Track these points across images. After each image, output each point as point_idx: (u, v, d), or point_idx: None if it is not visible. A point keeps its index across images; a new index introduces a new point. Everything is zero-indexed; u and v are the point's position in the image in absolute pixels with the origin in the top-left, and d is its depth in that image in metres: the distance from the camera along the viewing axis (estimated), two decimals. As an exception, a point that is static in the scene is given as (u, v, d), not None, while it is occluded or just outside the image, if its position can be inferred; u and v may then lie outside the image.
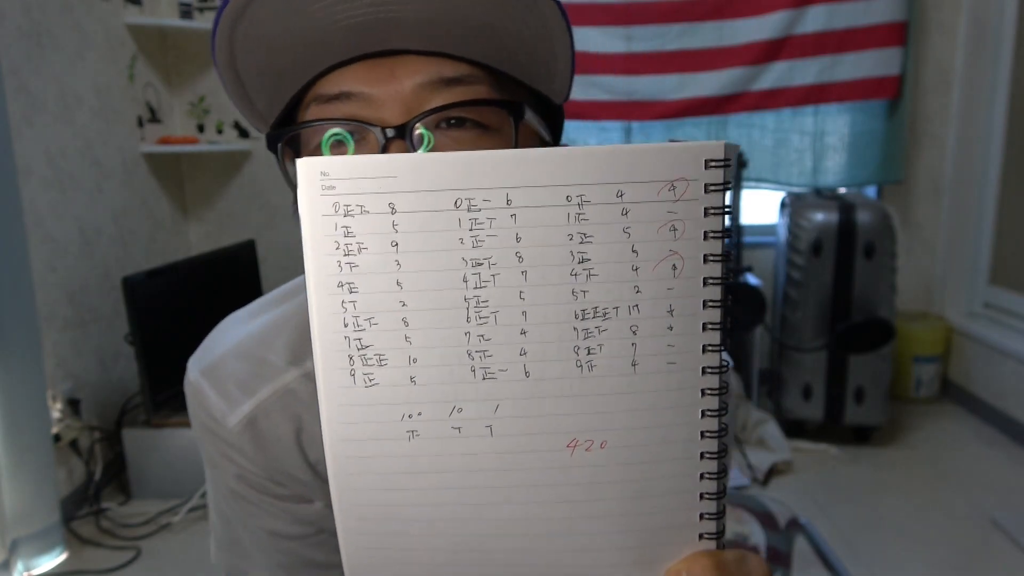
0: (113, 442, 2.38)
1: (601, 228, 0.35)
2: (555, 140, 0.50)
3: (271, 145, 0.47)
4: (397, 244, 0.35)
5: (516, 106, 0.44)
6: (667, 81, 2.86)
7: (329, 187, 0.34)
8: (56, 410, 2.12)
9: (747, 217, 2.68)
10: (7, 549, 1.88)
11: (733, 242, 2.61)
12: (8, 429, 1.82)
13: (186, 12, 2.80)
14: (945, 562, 1.89)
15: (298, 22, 0.41)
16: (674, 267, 0.36)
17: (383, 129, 0.42)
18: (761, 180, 2.98)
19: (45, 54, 2.18)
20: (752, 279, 2.64)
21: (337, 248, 0.35)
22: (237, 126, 3.01)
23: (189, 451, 2.27)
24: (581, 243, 0.36)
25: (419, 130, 0.42)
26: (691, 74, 2.86)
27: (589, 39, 2.83)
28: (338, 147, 0.43)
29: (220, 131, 3.00)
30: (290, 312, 0.57)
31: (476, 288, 0.36)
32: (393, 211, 0.35)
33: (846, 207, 2.48)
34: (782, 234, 2.69)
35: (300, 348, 0.55)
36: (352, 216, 0.35)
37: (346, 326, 0.36)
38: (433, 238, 0.35)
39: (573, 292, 0.36)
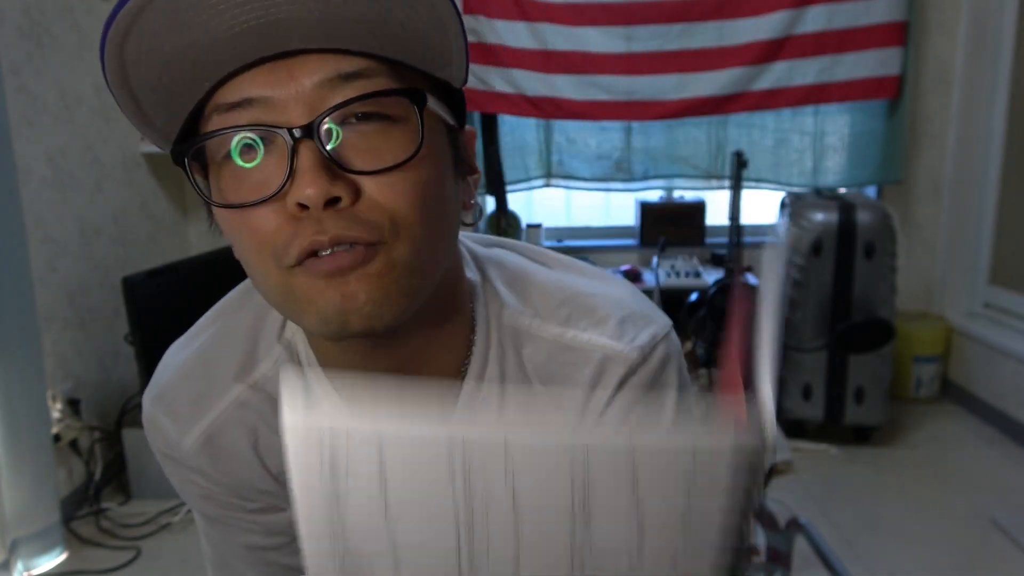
0: (113, 442, 2.37)
1: (606, 477, 0.33)
2: (459, 122, 0.50)
3: (177, 161, 0.46)
4: (387, 485, 0.34)
5: (417, 93, 0.44)
6: (667, 81, 2.86)
7: (319, 441, 0.33)
8: (56, 410, 2.12)
9: (747, 217, 2.67)
10: (7, 549, 1.88)
11: (733, 242, 2.61)
12: (8, 429, 1.82)
13: (186, 12, 2.80)
14: (945, 562, 1.89)
15: (189, 33, 0.40)
16: (683, 522, 0.33)
17: (290, 130, 0.41)
18: (761, 180, 2.98)
19: (45, 54, 2.18)
20: (752, 279, 2.64)
21: (327, 492, 0.34)
22: (237, 126, 3.01)
23: (189, 451, 2.27)
24: (584, 489, 0.33)
25: (327, 125, 0.42)
26: (691, 74, 2.86)
27: (589, 39, 2.83)
28: (248, 152, 0.43)
29: (220, 131, 3.00)
30: (228, 325, 0.57)
31: (468, 532, 0.34)
32: (381, 457, 0.33)
33: (846, 207, 2.48)
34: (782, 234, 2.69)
35: (244, 361, 0.55)
36: (340, 465, 0.34)
37: (337, 567, 0.36)
38: (424, 479, 0.34)
39: (572, 542, 0.34)
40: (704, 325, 2.55)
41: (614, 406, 0.53)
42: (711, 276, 2.67)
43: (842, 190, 2.87)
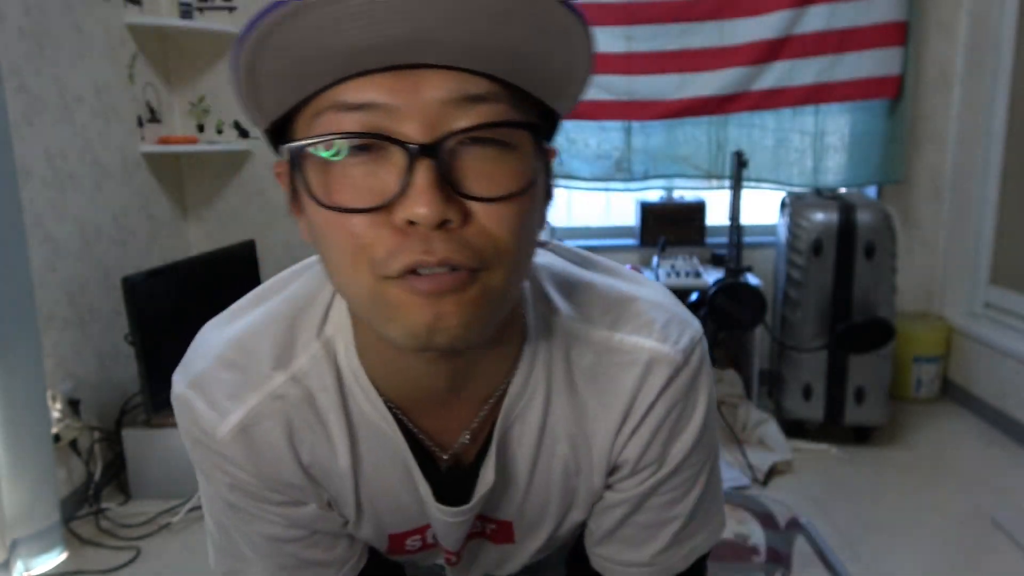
0: (113, 442, 2.37)
1: None
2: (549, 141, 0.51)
3: (275, 145, 0.47)
4: None
5: (538, 128, 0.45)
6: (667, 81, 2.86)
7: None
8: (56, 410, 2.12)
9: (747, 217, 2.67)
10: (7, 549, 1.88)
11: (733, 242, 2.61)
12: (8, 429, 1.82)
13: (186, 12, 2.80)
14: (945, 562, 1.89)
15: (336, 38, 0.40)
16: None
17: (411, 145, 0.41)
18: (761, 180, 2.98)
19: (45, 54, 2.18)
20: (752, 279, 2.64)
21: None
22: (237, 126, 3.01)
23: (189, 451, 2.27)
24: None
25: (449, 146, 0.42)
26: (691, 74, 2.86)
27: (589, 39, 2.82)
28: (358, 155, 0.43)
29: (220, 131, 3.00)
30: (269, 313, 0.57)
31: None
32: None
33: (846, 207, 2.48)
34: (782, 234, 2.69)
35: (284, 351, 0.55)
36: None
37: None
38: None
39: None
40: (704, 325, 2.54)
41: (657, 407, 0.55)
42: (711, 276, 2.67)
43: (842, 190, 2.86)
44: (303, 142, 0.44)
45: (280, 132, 0.47)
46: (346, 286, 0.46)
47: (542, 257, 0.60)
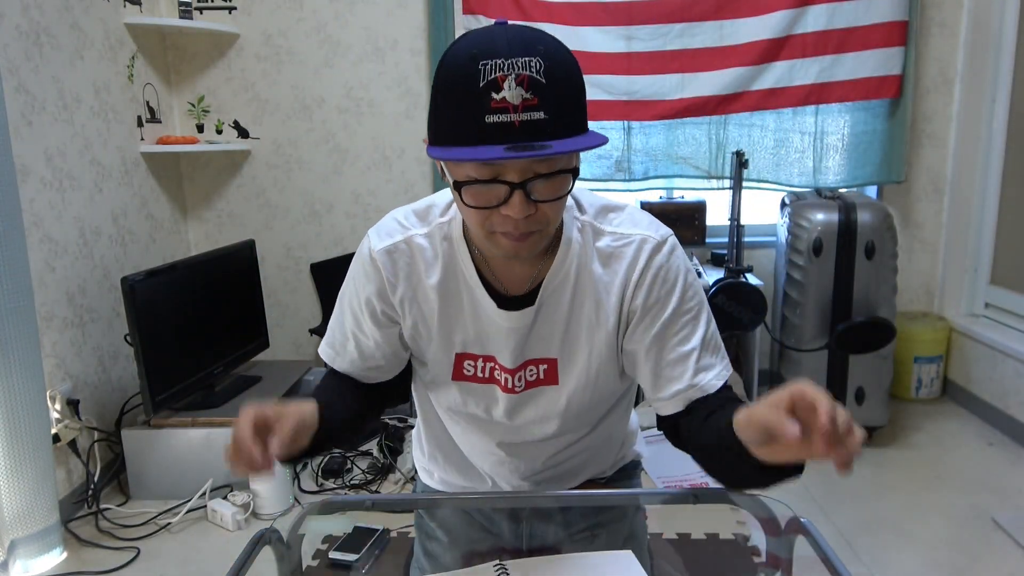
0: (112, 442, 2.37)
1: None
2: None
3: (436, 156, 0.77)
4: None
5: (576, 173, 0.79)
6: (667, 81, 2.86)
7: None
8: (55, 410, 2.12)
9: (747, 217, 2.67)
10: (6, 550, 1.88)
11: (733, 242, 2.61)
12: (8, 429, 1.82)
13: (185, 12, 2.80)
14: (945, 562, 1.89)
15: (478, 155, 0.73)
16: None
17: (511, 184, 0.74)
18: (761, 180, 2.98)
19: (44, 54, 2.18)
20: (752, 279, 2.63)
21: None
22: (237, 126, 3.01)
23: (188, 452, 2.27)
24: None
25: (530, 182, 0.74)
26: (691, 74, 2.86)
27: (589, 39, 2.83)
28: (472, 185, 0.75)
29: (219, 131, 3.00)
30: (423, 201, 0.94)
31: None
32: None
33: (846, 207, 2.48)
34: (782, 234, 2.68)
35: (423, 218, 0.92)
36: None
37: None
38: None
39: None
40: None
41: (649, 269, 0.87)
42: (711, 276, 2.67)
43: (842, 190, 2.86)
44: (460, 179, 0.76)
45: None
46: (470, 227, 0.83)
47: (578, 191, 0.92)
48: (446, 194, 0.93)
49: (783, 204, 2.74)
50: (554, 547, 0.99)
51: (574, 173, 0.78)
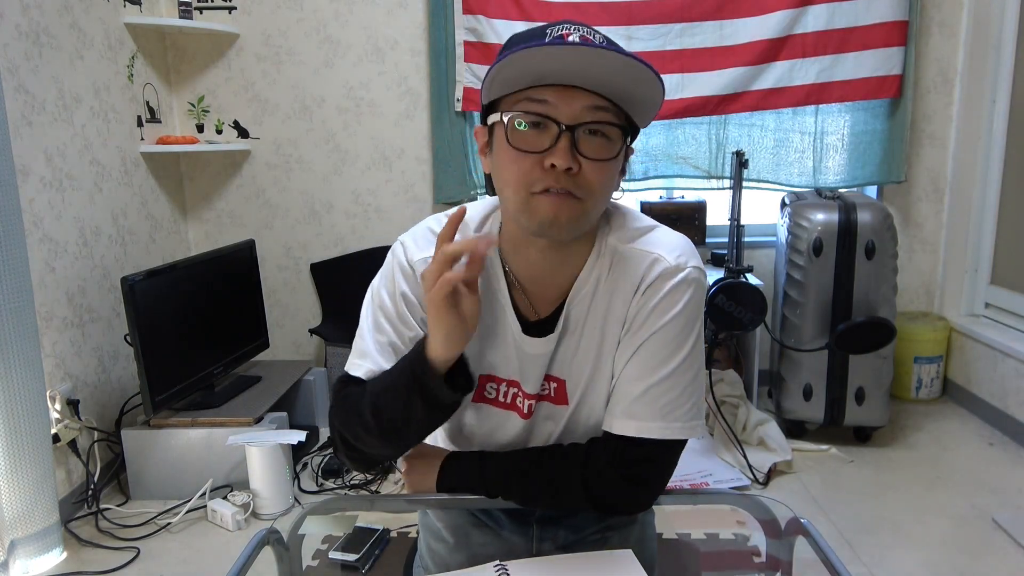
0: (112, 442, 2.37)
1: None
2: (632, 141, 0.86)
3: (488, 113, 0.83)
4: None
5: (626, 130, 0.81)
6: (667, 81, 2.86)
7: None
8: (55, 410, 2.12)
9: (747, 217, 2.67)
10: (6, 549, 1.88)
11: (733, 242, 2.61)
12: (8, 429, 1.82)
13: (185, 12, 2.80)
14: (945, 562, 1.89)
15: (535, 67, 0.75)
16: None
17: (561, 124, 0.76)
18: (761, 180, 2.98)
19: (44, 54, 2.17)
20: (752, 279, 2.63)
21: None
22: (236, 126, 3.00)
23: (188, 452, 2.27)
24: None
25: (579, 129, 0.77)
26: (691, 74, 2.86)
27: (589, 39, 2.82)
28: (534, 126, 0.78)
29: (219, 131, 3.00)
30: (451, 215, 0.90)
31: None
32: None
33: (847, 207, 2.48)
34: (782, 234, 2.68)
35: (461, 230, 0.87)
36: None
37: None
38: None
39: None
40: (704, 325, 2.54)
41: (652, 287, 0.86)
42: (711, 276, 2.67)
43: (842, 190, 2.86)
44: (512, 112, 0.79)
45: (488, 110, 0.83)
46: (510, 196, 0.81)
47: (614, 206, 0.93)
48: (475, 207, 0.93)
49: (783, 204, 2.74)
50: (564, 551, 0.97)
51: (623, 142, 0.80)
